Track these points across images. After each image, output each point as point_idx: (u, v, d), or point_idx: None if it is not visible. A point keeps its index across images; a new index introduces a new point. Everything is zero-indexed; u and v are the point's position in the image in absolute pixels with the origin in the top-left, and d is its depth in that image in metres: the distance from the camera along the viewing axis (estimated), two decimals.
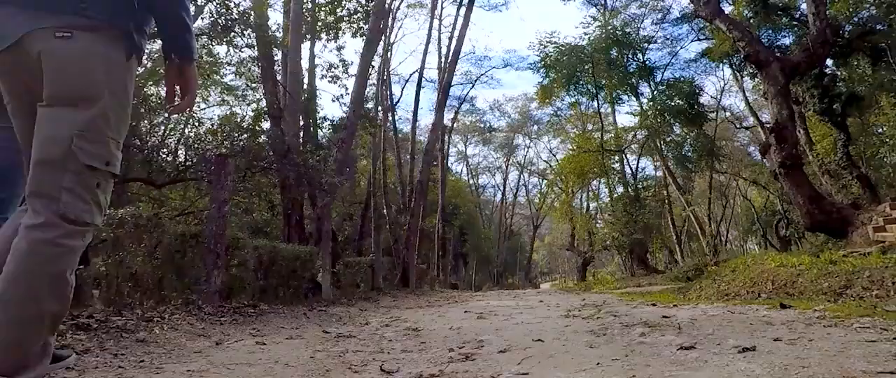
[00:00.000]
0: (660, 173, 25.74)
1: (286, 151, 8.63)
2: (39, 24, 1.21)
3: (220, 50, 10.97)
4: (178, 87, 1.51)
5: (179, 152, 9.51)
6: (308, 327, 4.18)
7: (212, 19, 9.16)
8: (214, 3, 8.40)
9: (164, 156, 9.50)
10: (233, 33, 9.71)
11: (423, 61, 20.44)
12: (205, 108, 19.94)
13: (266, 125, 9.51)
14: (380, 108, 18.45)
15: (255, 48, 9.97)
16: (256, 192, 8.99)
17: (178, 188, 9.59)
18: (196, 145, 8.56)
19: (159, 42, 1.50)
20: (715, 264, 11.84)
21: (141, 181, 8.80)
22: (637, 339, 2.35)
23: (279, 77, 10.30)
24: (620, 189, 23.80)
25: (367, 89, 13.08)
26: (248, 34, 10.10)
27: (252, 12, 9.95)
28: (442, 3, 20.74)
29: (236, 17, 9.21)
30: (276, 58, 10.74)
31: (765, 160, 11.67)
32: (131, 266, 4.99)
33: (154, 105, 8.73)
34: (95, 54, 1.27)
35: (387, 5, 14.10)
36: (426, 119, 32.83)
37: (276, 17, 14.93)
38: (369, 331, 3.82)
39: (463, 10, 17.40)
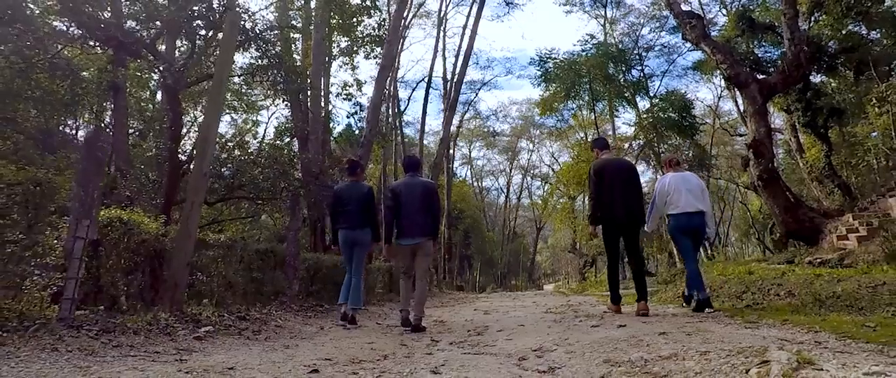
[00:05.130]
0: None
1: (318, 174, 10.14)
2: (421, 239, 4.51)
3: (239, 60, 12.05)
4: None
5: (223, 170, 10.86)
6: (363, 321, 5.87)
7: (256, 63, 10.77)
8: (266, 56, 9.95)
9: (214, 179, 11.12)
10: (267, 75, 11.24)
11: (431, 73, 21.57)
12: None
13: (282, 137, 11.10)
14: (390, 114, 19.51)
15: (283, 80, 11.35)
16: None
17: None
18: (243, 168, 9.75)
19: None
20: None
21: None
22: (575, 323, 4.07)
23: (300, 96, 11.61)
24: None
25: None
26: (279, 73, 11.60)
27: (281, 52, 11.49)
28: (447, 12, 22.32)
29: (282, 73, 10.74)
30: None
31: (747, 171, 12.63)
32: (226, 277, 6.73)
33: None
34: (431, 245, 4.61)
35: (398, 31, 15.52)
36: (432, 122, 34.02)
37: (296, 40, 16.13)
38: None
39: (470, 21, 18.76)
